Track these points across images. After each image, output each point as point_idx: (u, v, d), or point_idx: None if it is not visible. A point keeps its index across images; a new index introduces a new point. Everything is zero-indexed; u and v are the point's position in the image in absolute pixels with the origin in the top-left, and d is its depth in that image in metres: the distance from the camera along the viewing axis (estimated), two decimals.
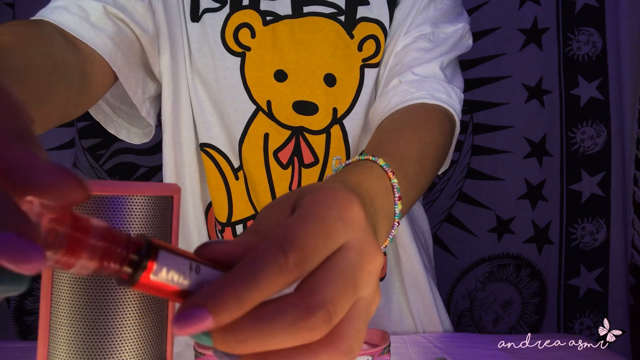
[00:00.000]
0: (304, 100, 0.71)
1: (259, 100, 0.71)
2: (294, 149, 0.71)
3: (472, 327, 1.47)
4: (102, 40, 0.62)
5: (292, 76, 0.70)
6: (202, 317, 0.22)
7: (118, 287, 0.30)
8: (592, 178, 1.43)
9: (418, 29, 0.70)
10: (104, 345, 0.30)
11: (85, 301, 0.30)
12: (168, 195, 0.33)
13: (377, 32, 0.72)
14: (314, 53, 0.70)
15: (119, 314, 0.30)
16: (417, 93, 0.64)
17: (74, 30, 0.60)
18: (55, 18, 0.60)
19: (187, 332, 0.23)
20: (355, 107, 0.71)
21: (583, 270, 1.44)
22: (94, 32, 0.61)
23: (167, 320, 0.33)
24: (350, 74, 0.71)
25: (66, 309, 0.30)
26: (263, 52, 0.70)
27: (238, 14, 0.71)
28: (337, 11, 0.71)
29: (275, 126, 0.71)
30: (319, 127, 0.71)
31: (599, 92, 1.41)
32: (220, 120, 0.73)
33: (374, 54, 0.72)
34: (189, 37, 0.72)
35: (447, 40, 0.71)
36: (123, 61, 0.65)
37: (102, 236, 0.21)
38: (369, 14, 0.72)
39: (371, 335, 0.62)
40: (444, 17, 0.72)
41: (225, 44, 0.71)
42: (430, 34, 0.70)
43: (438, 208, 1.45)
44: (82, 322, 0.30)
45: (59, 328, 0.30)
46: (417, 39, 0.70)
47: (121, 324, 0.30)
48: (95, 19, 0.63)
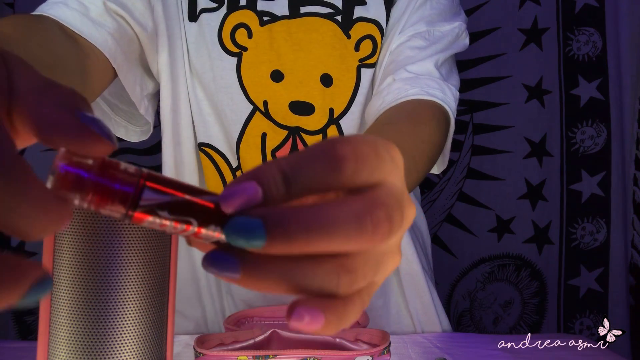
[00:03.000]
0: (301, 101, 0.71)
1: (256, 100, 0.71)
2: (291, 149, 0.71)
3: (472, 327, 1.47)
4: (103, 36, 0.62)
5: (289, 76, 0.70)
6: (251, 188, 0.20)
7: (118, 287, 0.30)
8: (592, 178, 1.43)
9: (413, 28, 0.70)
10: (104, 345, 0.30)
11: (85, 301, 0.30)
12: None
13: (374, 32, 0.72)
14: (311, 53, 0.70)
15: (119, 314, 0.30)
16: (412, 90, 0.63)
17: (74, 25, 0.60)
18: (55, 13, 0.59)
19: (235, 205, 0.21)
20: (351, 107, 0.71)
21: (583, 270, 1.44)
22: (94, 28, 0.61)
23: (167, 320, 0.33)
24: (347, 74, 0.71)
25: (66, 309, 0.30)
26: (260, 52, 0.70)
27: (235, 14, 0.71)
28: (334, 11, 0.71)
29: (273, 126, 0.71)
30: (316, 127, 0.71)
31: (599, 92, 1.41)
32: (218, 120, 0.73)
33: (371, 54, 0.72)
34: (186, 37, 0.72)
35: (443, 39, 0.70)
36: (122, 58, 0.65)
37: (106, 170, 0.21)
38: (365, 14, 0.72)
39: (371, 335, 0.62)
40: (440, 16, 0.72)
41: (222, 44, 0.71)
42: (425, 32, 0.70)
43: (438, 208, 1.45)
44: (82, 322, 0.30)
45: (59, 328, 0.30)
46: (412, 37, 0.70)
47: (121, 324, 0.30)
48: (95, 14, 0.63)
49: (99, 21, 0.62)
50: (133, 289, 0.31)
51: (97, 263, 0.30)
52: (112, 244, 0.30)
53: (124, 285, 0.30)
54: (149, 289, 0.31)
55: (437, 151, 0.60)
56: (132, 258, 0.31)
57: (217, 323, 0.80)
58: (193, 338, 0.60)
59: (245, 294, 0.76)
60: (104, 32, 0.62)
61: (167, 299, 0.33)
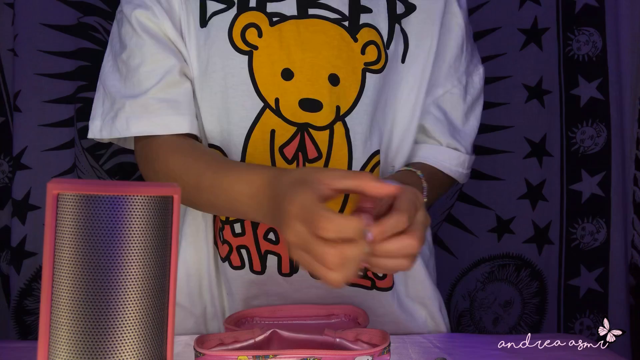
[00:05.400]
0: (310, 98, 0.71)
1: (268, 97, 0.71)
2: (299, 145, 0.72)
3: (472, 327, 1.47)
4: (195, 126, 0.74)
5: (298, 75, 0.71)
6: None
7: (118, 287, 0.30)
8: (592, 178, 1.43)
9: (457, 78, 0.82)
10: (104, 345, 0.30)
11: (86, 301, 0.30)
12: (168, 195, 0.33)
13: (377, 39, 0.74)
14: (319, 53, 0.72)
15: (120, 314, 0.30)
16: (446, 163, 0.82)
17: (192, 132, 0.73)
18: (177, 127, 0.72)
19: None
20: (357, 107, 0.73)
21: (583, 270, 1.44)
22: (194, 124, 0.74)
23: (167, 320, 0.33)
24: (353, 76, 0.72)
25: (66, 309, 0.30)
26: (271, 51, 0.71)
27: (245, 15, 0.72)
28: (341, 17, 0.73)
29: (282, 123, 0.72)
30: (323, 123, 0.72)
31: (599, 92, 1.41)
32: (225, 119, 0.73)
33: (376, 60, 0.73)
34: (197, 43, 0.73)
35: (478, 97, 0.86)
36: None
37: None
38: (371, 21, 0.74)
39: (371, 335, 0.62)
40: (473, 59, 0.85)
41: (232, 43, 0.71)
42: (466, 85, 0.84)
43: (438, 208, 1.45)
44: (82, 322, 0.30)
45: (59, 328, 0.30)
46: (459, 91, 0.83)
47: (121, 324, 0.30)
48: (186, 104, 0.74)
49: (190, 110, 0.74)
50: (133, 289, 0.31)
51: (98, 263, 0.30)
52: (113, 244, 0.30)
53: (125, 285, 0.31)
54: (149, 289, 0.31)
55: (442, 190, 0.86)
56: (133, 258, 0.31)
57: (216, 323, 0.80)
58: (193, 338, 0.60)
59: (245, 292, 0.76)
60: (194, 120, 0.75)
61: (167, 299, 0.33)
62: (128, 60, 0.73)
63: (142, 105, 0.71)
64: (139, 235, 0.31)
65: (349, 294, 0.76)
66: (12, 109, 1.33)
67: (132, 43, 0.73)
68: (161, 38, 0.74)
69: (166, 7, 0.74)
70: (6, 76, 1.37)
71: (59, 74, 1.33)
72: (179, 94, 0.73)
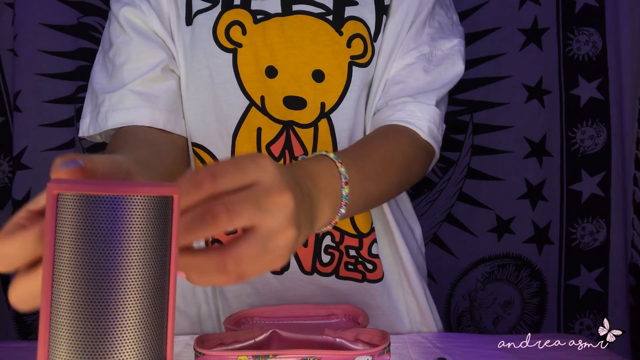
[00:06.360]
0: (294, 96, 0.71)
1: (253, 95, 0.71)
2: (285, 142, 0.72)
3: (472, 327, 1.47)
4: (179, 122, 0.73)
5: (282, 72, 0.71)
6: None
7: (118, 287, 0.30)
8: (592, 178, 1.43)
9: (417, 50, 0.73)
10: (104, 345, 0.30)
11: (86, 301, 0.30)
12: (168, 196, 0.33)
13: (363, 32, 0.72)
14: (303, 50, 0.71)
15: (119, 314, 0.30)
16: (396, 116, 0.70)
17: (162, 127, 0.70)
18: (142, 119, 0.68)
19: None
20: (342, 102, 0.72)
21: (583, 270, 1.44)
22: (171, 120, 0.72)
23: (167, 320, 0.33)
24: (339, 70, 0.72)
25: (66, 309, 0.30)
26: (254, 49, 0.71)
27: (230, 13, 0.71)
28: (325, 11, 0.72)
29: (268, 121, 0.72)
30: (307, 120, 0.72)
31: (599, 92, 1.41)
32: (212, 117, 0.73)
33: (362, 53, 0.72)
34: (183, 41, 0.73)
35: (445, 59, 0.74)
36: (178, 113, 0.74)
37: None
38: (356, 14, 0.72)
39: (371, 335, 0.62)
40: (442, 33, 0.75)
41: (217, 41, 0.71)
42: (428, 54, 0.73)
43: (438, 208, 1.45)
44: (82, 322, 0.30)
45: (59, 328, 0.30)
46: (418, 59, 0.73)
47: (121, 324, 0.30)
48: (164, 100, 0.71)
49: (173, 108, 0.72)
50: (133, 289, 0.31)
51: (98, 263, 0.30)
52: (113, 244, 0.30)
53: (125, 285, 0.30)
54: (149, 289, 0.31)
55: (412, 162, 0.68)
56: (133, 258, 0.31)
57: (211, 323, 0.80)
58: (193, 338, 0.60)
59: (237, 291, 0.76)
60: (180, 119, 0.73)
61: (167, 299, 0.33)
62: (114, 58, 0.72)
63: (119, 97, 0.70)
64: (139, 235, 0.31)
65: (340, 288, 0.76)
66: (12, 109, 1.33)
67: (119, 41, 0.73)
68: (149, 35, 0.73)
69: (155, 5, 0.73)
70: (6, 76, 1.37)
71: (59, 74, 1.33)
72: (159, 90, 0.71)
